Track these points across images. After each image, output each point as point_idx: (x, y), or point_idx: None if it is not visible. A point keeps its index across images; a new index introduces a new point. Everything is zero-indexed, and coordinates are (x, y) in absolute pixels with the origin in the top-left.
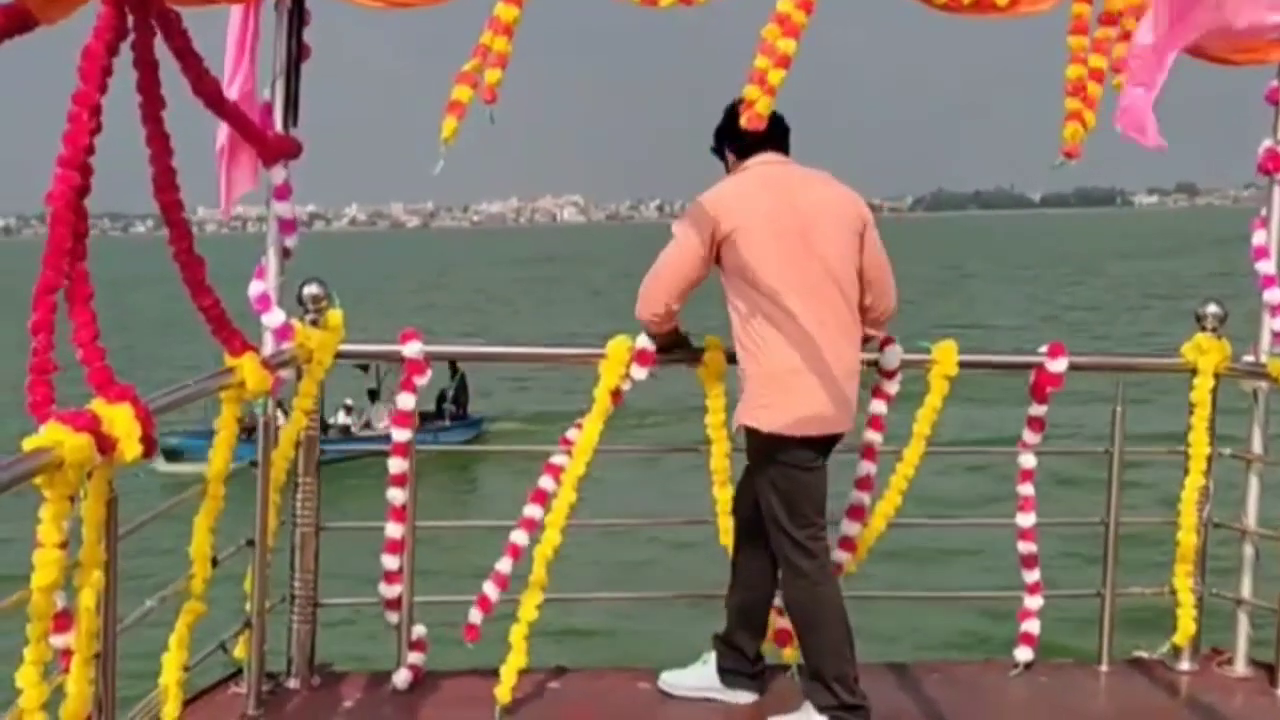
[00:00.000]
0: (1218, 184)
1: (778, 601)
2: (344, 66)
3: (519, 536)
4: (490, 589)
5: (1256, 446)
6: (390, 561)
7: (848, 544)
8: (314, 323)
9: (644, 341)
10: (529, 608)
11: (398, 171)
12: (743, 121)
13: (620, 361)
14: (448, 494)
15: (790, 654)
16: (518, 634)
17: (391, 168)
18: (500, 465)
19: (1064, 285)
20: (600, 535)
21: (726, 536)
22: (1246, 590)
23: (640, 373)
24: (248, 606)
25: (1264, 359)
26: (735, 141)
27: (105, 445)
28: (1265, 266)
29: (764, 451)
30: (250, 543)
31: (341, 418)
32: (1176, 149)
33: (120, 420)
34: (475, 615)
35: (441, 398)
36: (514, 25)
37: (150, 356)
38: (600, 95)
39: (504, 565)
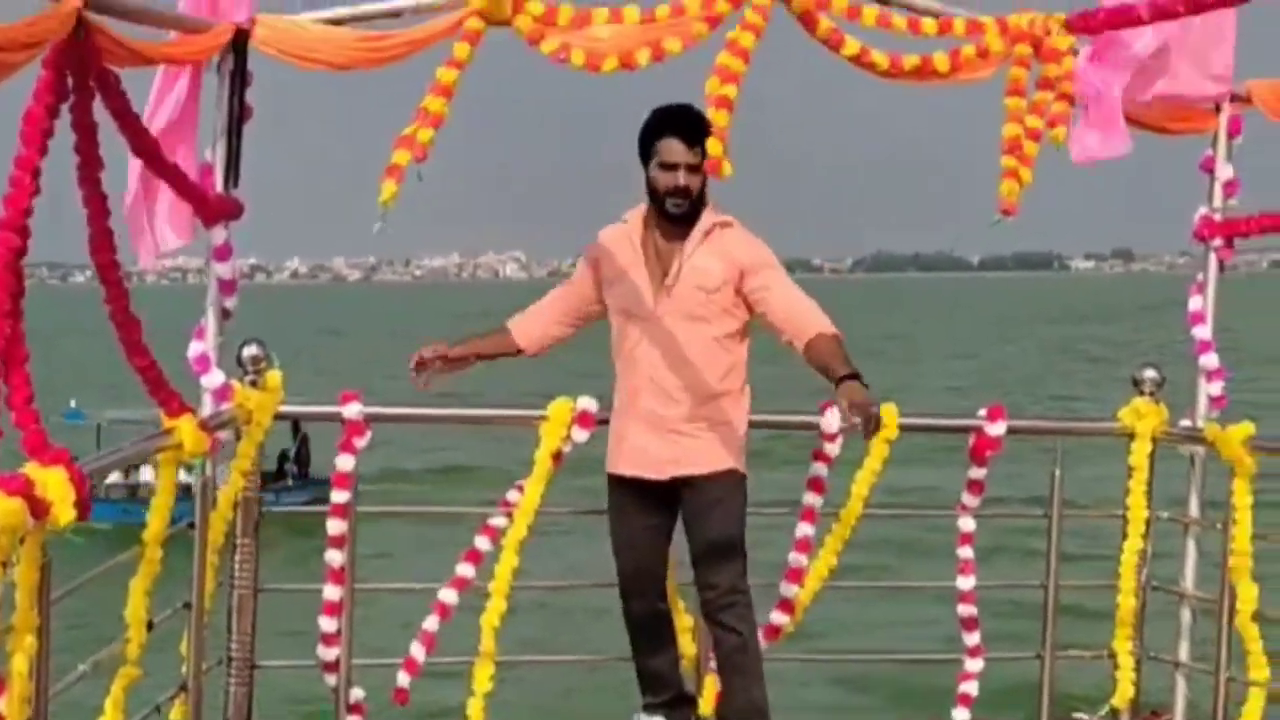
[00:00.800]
0: (1153, 250)
1: None
2: (286, 119)
3: (448, 596)
4: (417, 650)
5: (1194, 510)
6: (328, 624)
7: (785, 606)
8: (253, 383)
9: (585, 403)
10: (482, 679)
11: (340, 225)
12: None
13: (561, 423)
14: (293, 556)
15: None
16: (474, 708)
17: (334, 221)
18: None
19: (995, 346)
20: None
21: (671, 597)
22: (1184, 653)
23: (581, 435)
24: (184, 669)
25: (1201, 424)
26: None
27: (39, 509)
28: (1201, 332)
29: None
30: (187, 605)
31: None
32: (1113, 215)
33: (54, 484)
34: (403, 678)
35: (283, 457)
36: (453, 87)
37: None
38: (545, 152)
39: (431, 624)
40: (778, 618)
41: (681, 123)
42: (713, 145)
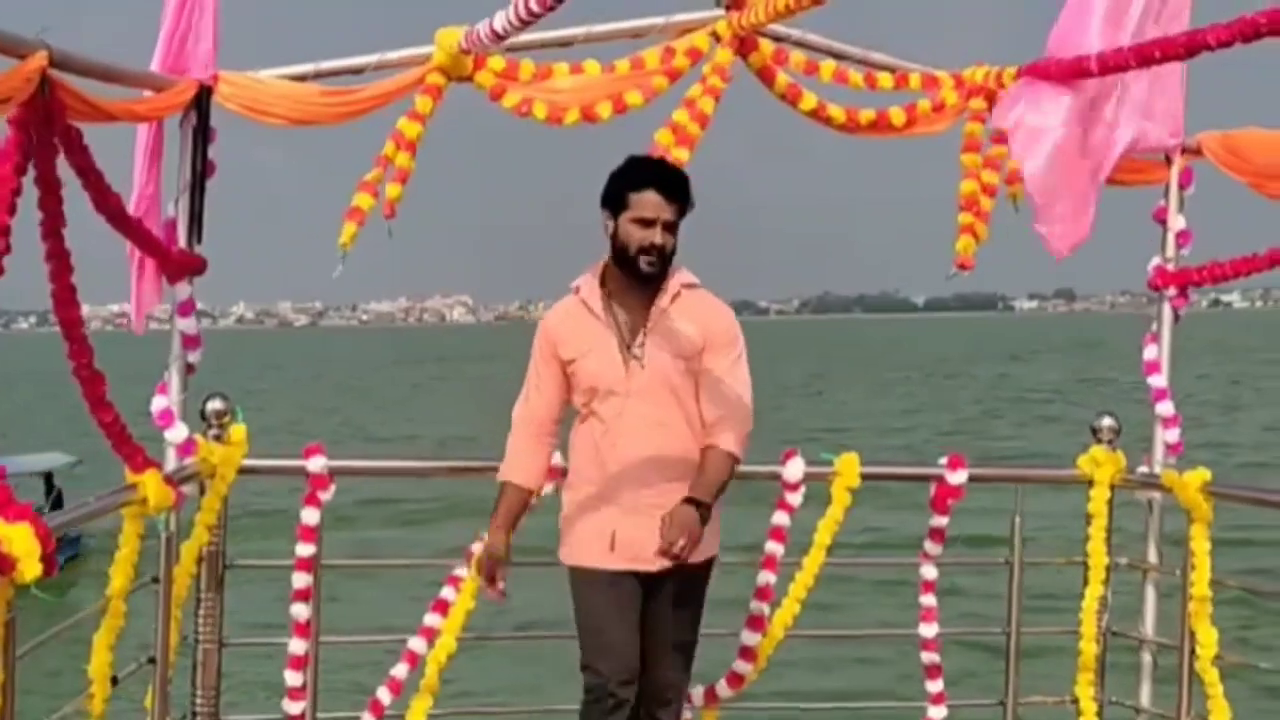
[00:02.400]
0: (1095, 290)
1: None
2: (232, 164)
3: (417, 644)
4: (383, 694)
5: (1152, 556)
6: (293, 678)
7: (747, 654)
8: (217, 438)
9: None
10: (418, 712)
11: (286, 270)
12: None
13: None
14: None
15: None
16: None
17: (280, 266)
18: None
19: (937, 387)
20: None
21: None
22: (1146, 698)
23: (547, 487)
24: None
25: (1158, 470)
26: None
27: (3, 565)
28: (1157, 380)
29: None
30: (151, 660)
31: None
32: (1051, 257)
33: (20, 539)
34: (366, 718)
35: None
36: (417, 141)
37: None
38: (492, 195)
39: (399, 671)
40: (740, 666)
41: (661, 176)
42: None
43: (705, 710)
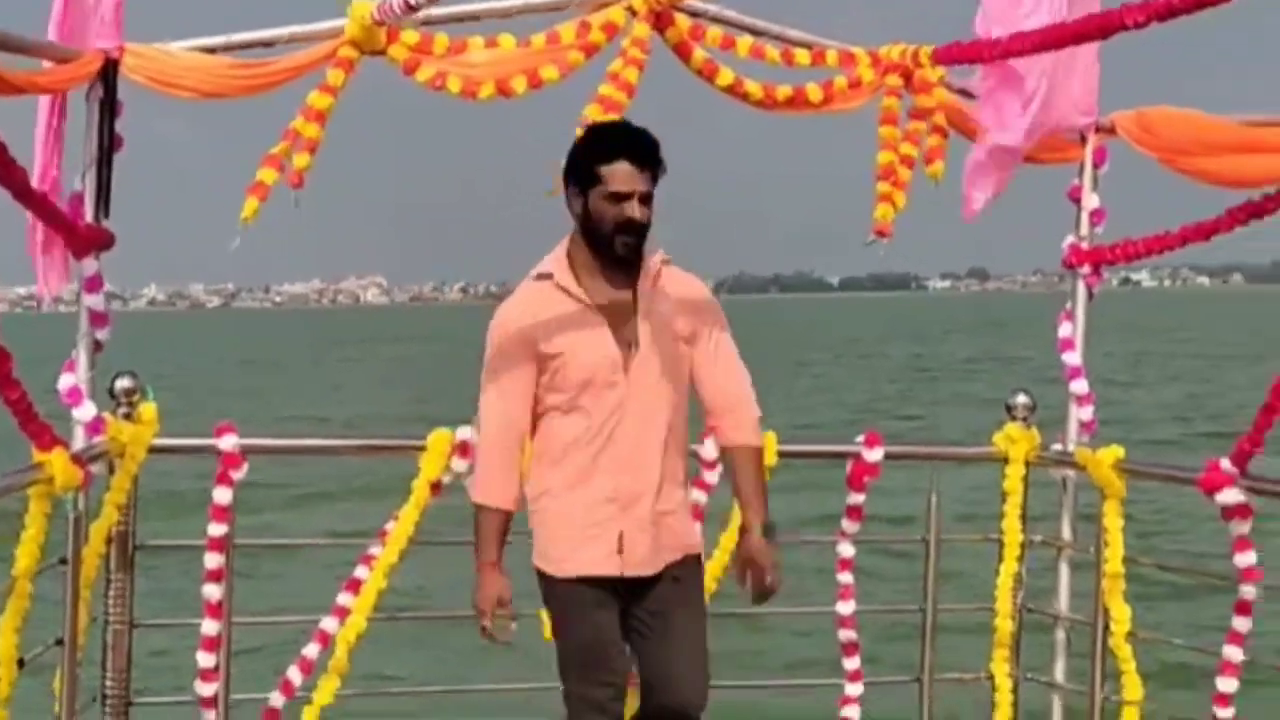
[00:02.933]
0: (1008, 270)
1: None
2: (140, 145)
3: (329, 624)
4: (294, 674)
5: (1066, 533)
6: (205, 659)
7: None
8: (127, 416)
9: (465, 433)
10: (325, 691)
11: (198, 251)
12: (551, 188)
13: (441, 454)
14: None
15: None
16: (309, 715)
17: (191, 248)
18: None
19: (852, 366)
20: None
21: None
22: (1060, 674)
23: (461, 465)
24: (57, 708)
25: (1072, 448)
26: None
27: None
28: (1071, 358)
29: None
30: (59, 642)
31: None
32: (969, 237)
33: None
34: (277, 699)
35: None
36: (327, 113)
37: None
38: (405, 175)
39: (311, 651)
40: None
41: (632, 144)
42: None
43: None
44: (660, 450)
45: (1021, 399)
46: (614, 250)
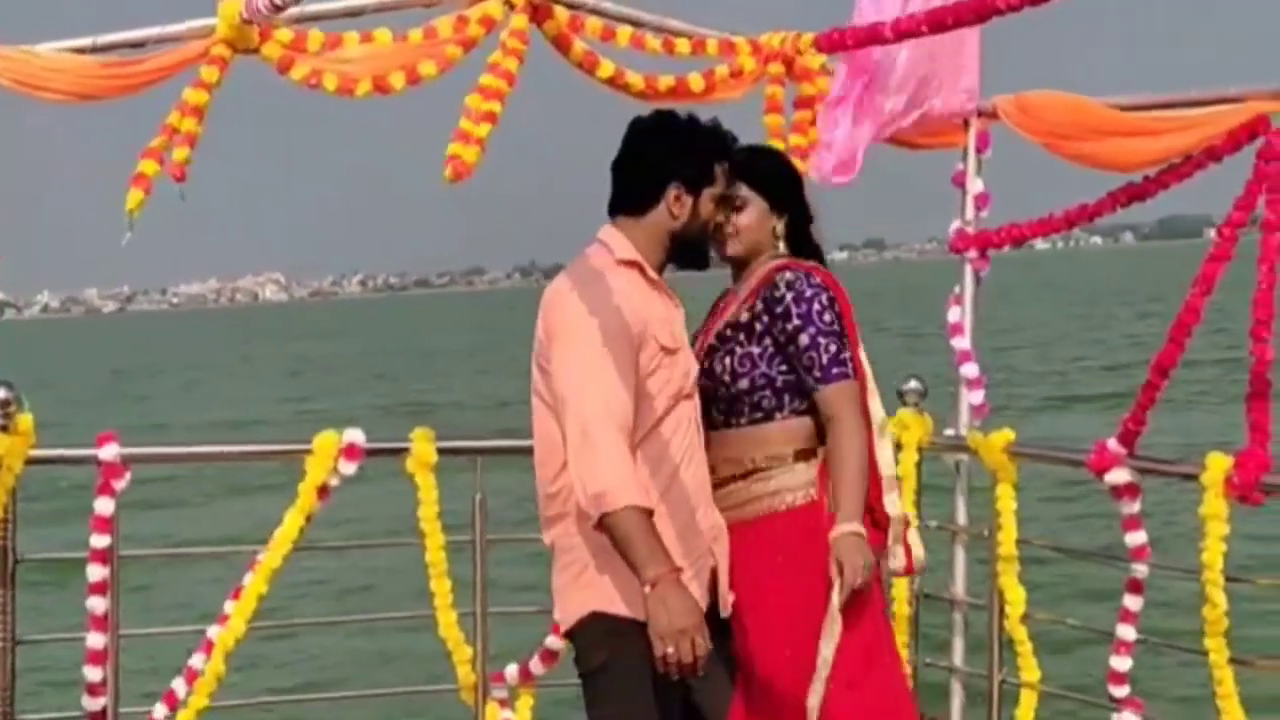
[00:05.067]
0: (904, 238)
1: None
2: (28, 151)
3: (215, 632)
4: (179, 684)
5: (960, 518)
6: (93, 673)
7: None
8: (2, 428)
9: (352, 435)
10: (200, 696)
11: (91, 256)
12: (446, 173)
13: (328, 456)
14: None
15: None
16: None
17: (84, 253)
18: None
19: None
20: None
21: (446, 630)
22: (959, 659)
23: (349, 468)
24: None
25: (964, 432)
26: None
27: None
28: (960, 343)
29: None
30: None
31: None
32: (866, 207)
33: None
34: (160, 710)
35: None
36: (204, 108)
37: None
38: (300, 169)
39: (196, 661)
40: (553, 642)
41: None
42: (469, 152)
43: (521, 688)
44: (706, 469)
45: (913, 384)
46: (698, 259)
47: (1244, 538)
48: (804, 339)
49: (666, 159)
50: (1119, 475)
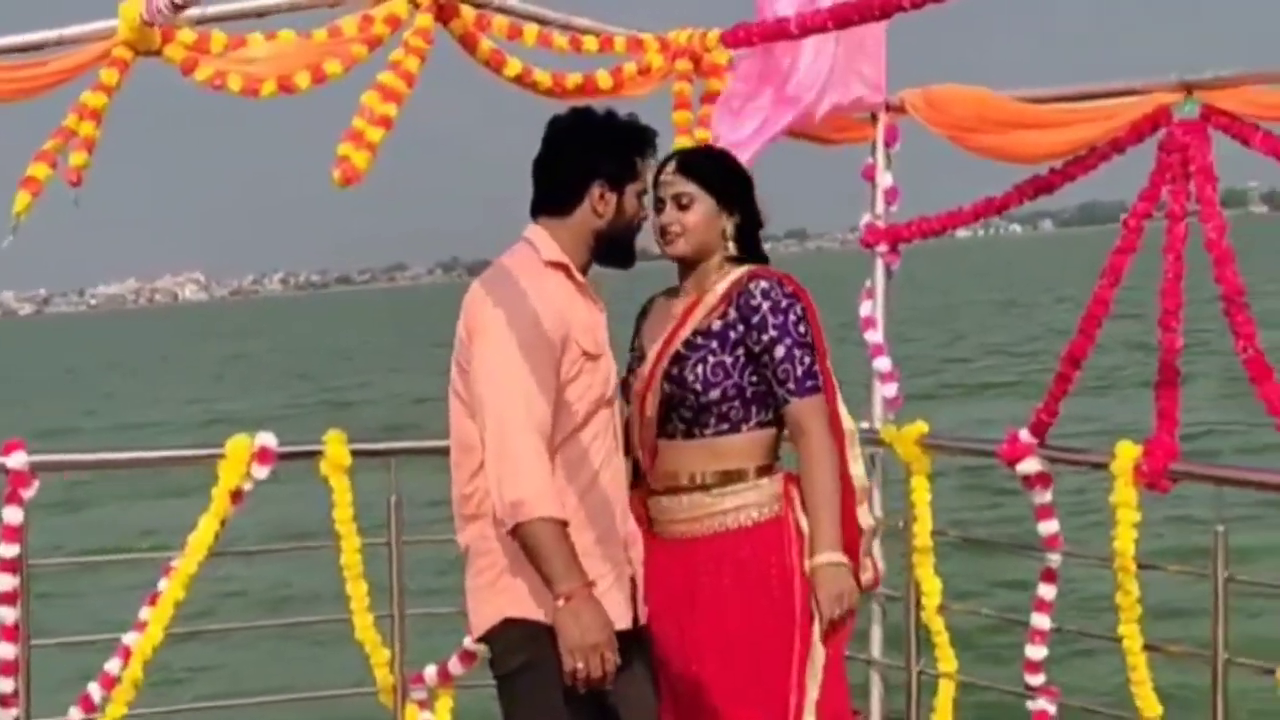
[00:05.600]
0: (826, 229)
1: None
2: None
3: (131, 639)
4: (95, 690)
5: (876, 510)
6: (3, 684)
7: None
8: None
9: (265, 439)
10: (118, 704)
11: (5, 258)
12: (335, 176)
13: (240, 461)
14: None
15: None
16: None
17: None
18: None
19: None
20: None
21: (363, 632)
22: (876, 651)
23: (261, 472)
24: None
25: (878, 425)
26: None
27: None
28: (873, 336)
29: None
30: None
31: None
32: (787, 198)
33: None
34: (76, 714)
35: None
36: (102, 111)
37: None
38: (218, 167)
39: (113, 667)
40: (472, 643)
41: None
42: (360, 158)
43: (440, 689)
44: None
45: None
46: (625, 256)
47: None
48: (780, 351)
49: (587, 157)
50: (1030, 465)
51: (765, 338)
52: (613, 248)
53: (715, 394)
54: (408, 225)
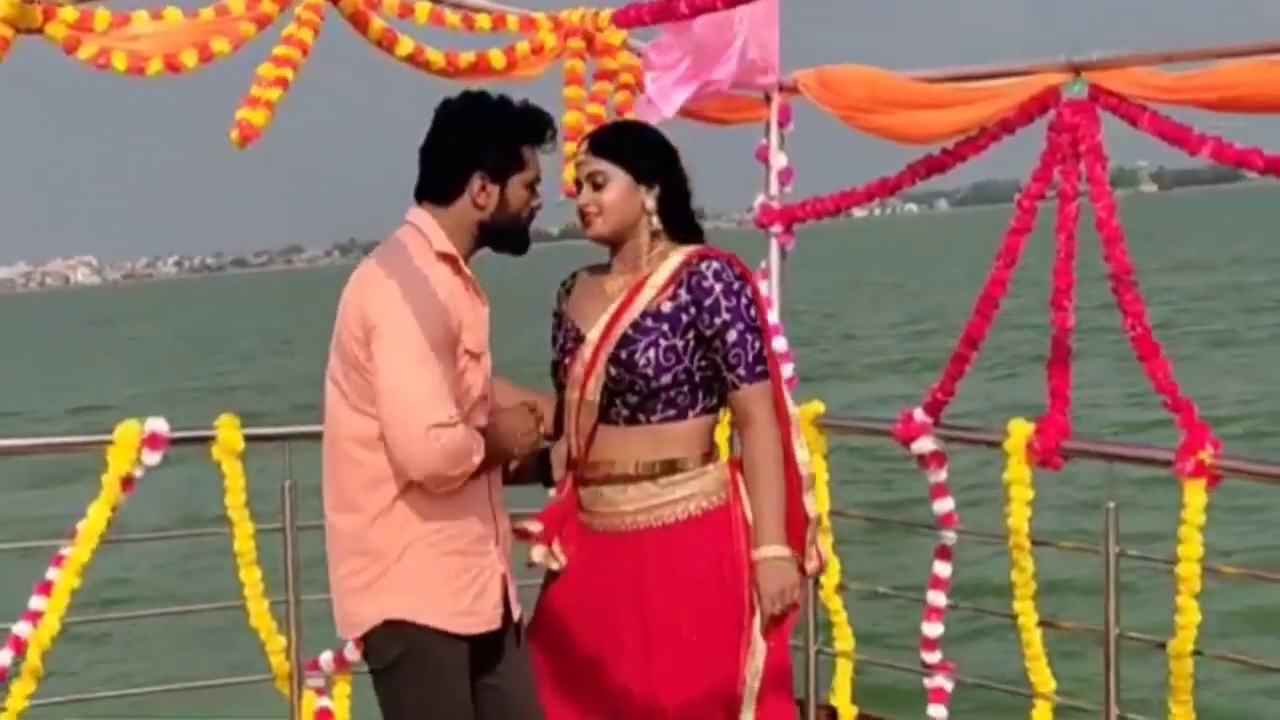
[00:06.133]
0: (724, 208)
1: None
2: None
3: (22, 629)
4: None
5: None
6: None
7: None
8: None
9: (155, 425)
10: (18, 698)
11: None
12: (233, 136)
13: (130, 447)
14: None
15: None
16: None
17: None
18: None
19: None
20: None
21: (258, 619)
22: None
23: (152, 458)
24: None
25: None
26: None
27: None
28: (769, 317)
29: None
30: None
31: None
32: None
33: None
34: None
35: None
36: None
37: None
38: (109, 148)
39: (3, 658)
40: None
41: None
42: (258, 115)
43: (337, 675)
44: None
45: None
46: (522, 243)
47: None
48: (732, 335)
49: (469, 147)
50: (925, 444)
51: (718, 321)
52: (499, 238)
53: (667, 379)
54: (304, 207)
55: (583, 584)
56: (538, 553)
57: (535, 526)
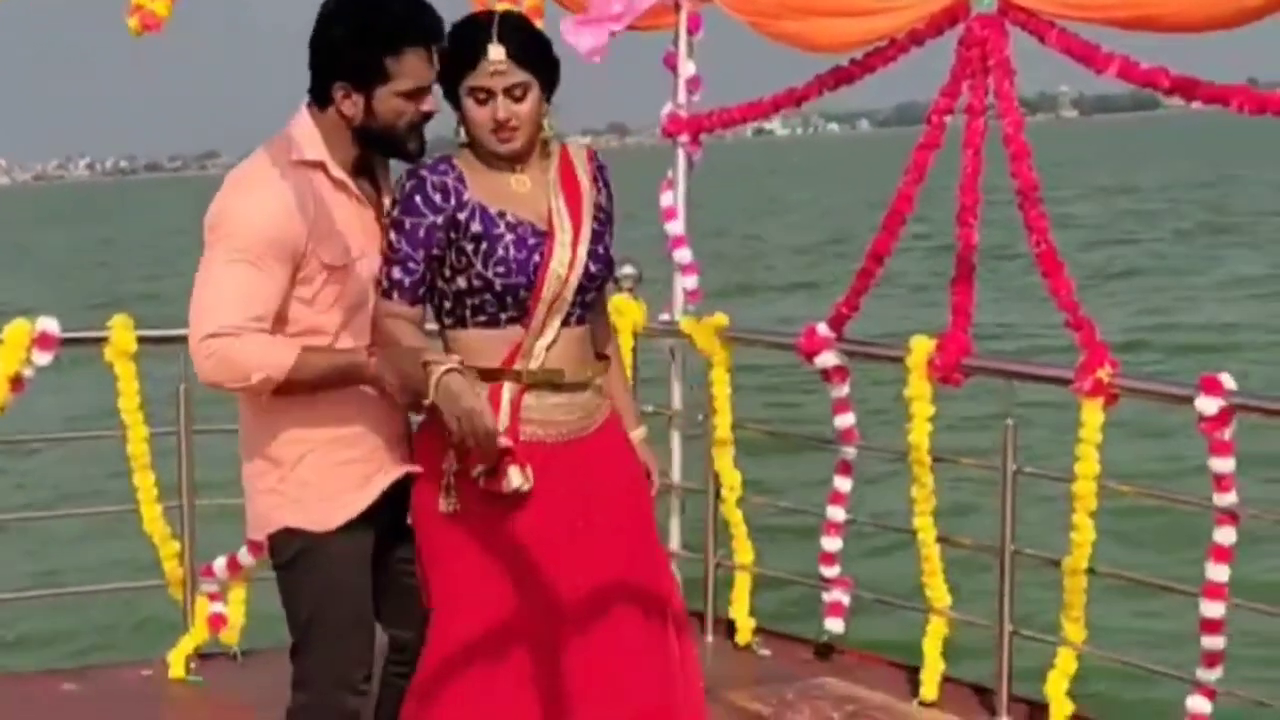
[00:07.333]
0: (647, 123)
1: None
2: None
3: None
4: None
5: (676, 403)
6: None
7: None
8: None
9: (46, 324)
10: None
11: None
12: (131, 24)
13: (20, 346)
14: None
15: None
16: None
17: None
18: None
19: None
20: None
21: (151, 524)
22: (675, 543)
23: (43, 358)
24: None
25: (678, 317)
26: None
27: None
28: (674, 228)
29: None
30: None
31: None
32: (607, 92)
33: None
34: None
35: None
36: None
37: None
38: (16, 45)
39: None
40: None
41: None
42: (160, 4)
43: (231, 581)
44: None
45: (628, 269)
46: (405, 152)
47: None
48: (612, 229)
49: (328, 56)
50: (828, 358)
51: (613, 213)
52: (380, 145)
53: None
54: (220, 111)
55: (543, 499)
56: (516, 476)
57: (506, 441)
